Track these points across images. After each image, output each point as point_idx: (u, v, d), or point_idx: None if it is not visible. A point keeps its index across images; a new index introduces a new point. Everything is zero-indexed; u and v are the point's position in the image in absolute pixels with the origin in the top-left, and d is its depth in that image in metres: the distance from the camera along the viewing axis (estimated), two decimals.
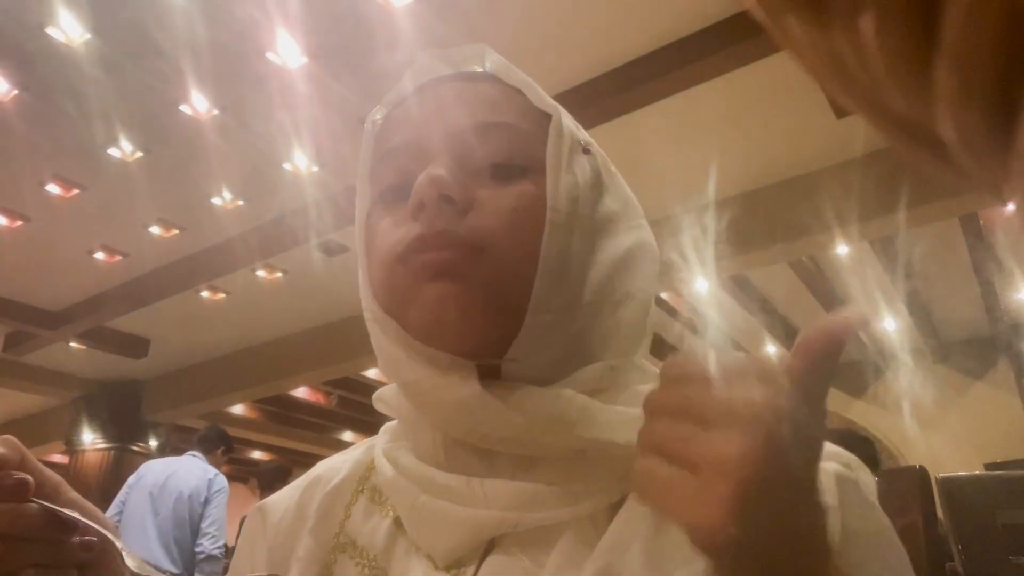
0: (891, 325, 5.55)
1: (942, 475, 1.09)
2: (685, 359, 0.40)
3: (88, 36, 2.93)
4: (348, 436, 8.64)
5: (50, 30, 2.90)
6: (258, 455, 9.11)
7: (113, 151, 3.63)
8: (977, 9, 0.13)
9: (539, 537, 0.49)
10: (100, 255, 4.71)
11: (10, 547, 0.45)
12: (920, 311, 5.63)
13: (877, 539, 0.47)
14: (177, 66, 3.01)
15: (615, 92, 3.17)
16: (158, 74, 3.06)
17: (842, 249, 4.52)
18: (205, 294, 5.22)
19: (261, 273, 4.92)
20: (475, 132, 0.52)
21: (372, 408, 0.61)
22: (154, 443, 6.89)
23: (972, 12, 0.13)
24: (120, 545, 0.48)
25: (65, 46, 2.95)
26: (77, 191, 4.01)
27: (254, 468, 7.88)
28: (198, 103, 3.32)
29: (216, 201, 4.08)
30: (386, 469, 0.56)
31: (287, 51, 3.02)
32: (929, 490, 0.96)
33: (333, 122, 3.25)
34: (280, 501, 0.62)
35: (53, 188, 3.97)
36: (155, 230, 4.42)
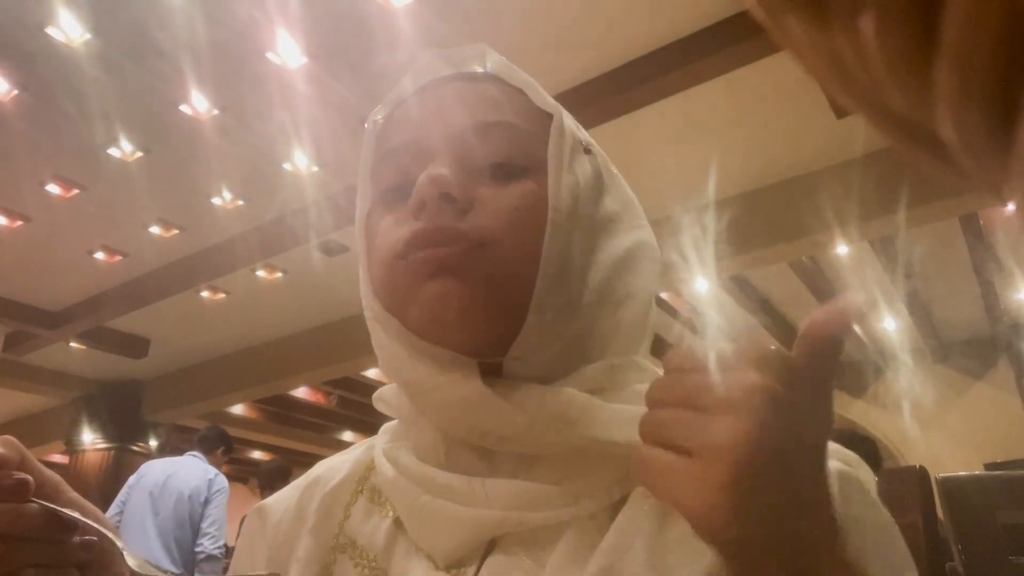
0: (891, 325, 5.54)
1: (942, 475, 1.09)
2: (686, 350, 0.40)
3: (88, 36, 2.93)
4: (348, 436, 8.63)
5: (50, 30, 2.89)
6: (258, 455, 9.10)
7: (113, 151, 3.63)
8: (977, 9, 0.13)
9: (540, 536, 0.49)
10: (100, 255, 4.70)
11: (10, 547, 0.45)
12: (920, 311, 5.62)
13: (879, 535, 0.47)
14: (177, 66, 3.01)
15: (615, 92, 3.17)
16: (158, 74, 3.06)
17: (842, 249, 4.52)
18: (205, 294, 5.22)
19: (261, 273, 4.92)
20: (476, 132, 0.52)
21: (372, 408, 0.61)
22: (154, 443, 6.89)
23: (972, 12, 0.13)
24: (121, 545, 0.48)
25: (65, 46, 2.95)
26: (77, 191, 4.01)
27: (254, 468, 7.89)
28: (198, 103, 3.32)
29: (216, 201, 4.08)
30: (386, 469, 0.55)
31: (287, 51, 3.02)
32: (929, 490, 0.96)
33: (333, 122, 3.24)
34: (279, 501, 0.62)
35: (53, 188, 3.97)
36: (155, 230, 4.42)
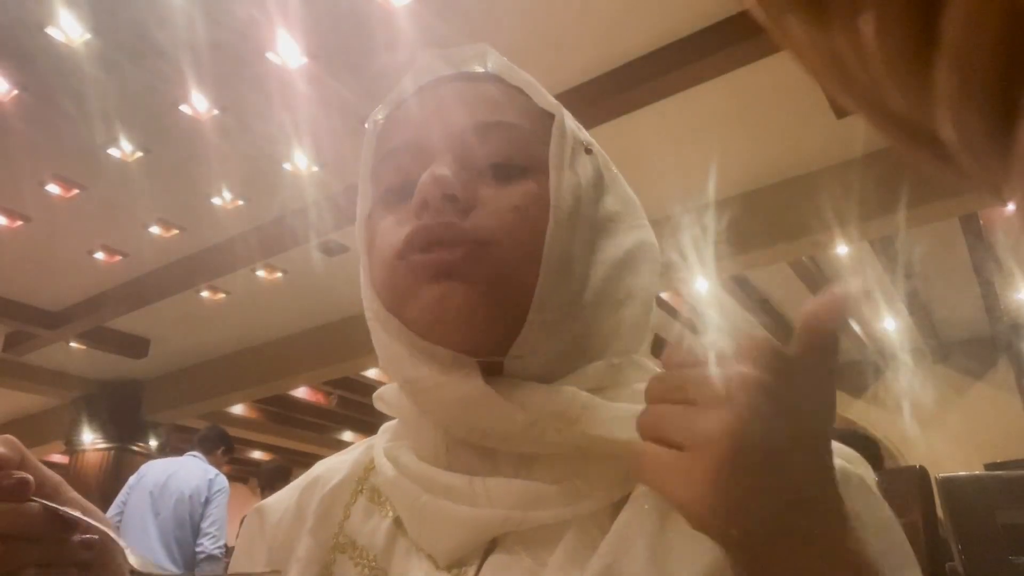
0: (891, 325, 5.54)
1: (942, 475, 1.08)
2: (684, 347, 0.41)
3: (88, 36, 2.93)
4: (348, 436, 8.63)
5: (50, 30, 2.89)
6: (258, 455, 9.09)
7: (113, 151, 3.63)
8: (977, 9, 0.13)
9: (541, 536, 0.49)
10: (100, 255, 4.70)
11: (10, 547, 0.45)
12: (920, 311, 5.62)
13: (881, 531, 0.47)
14: (177, 66, 3.01)
15: (615, 92, 3.17)
16: (158, 74, 3.05)
17: (842, 249, 4.52)
18: (205, 294, 5.21)
19: (261, 273, 4.92)
20: (477, 132, 0.52)
21: (372, 408, 0.61)
22: (154, 443, 6.88)
23: (972, 12, 0.13)
24: (123, 544, 0.48)
25: (65, 46, 2.95)
26: (77, 191, 4.00)
27: (254, 468, 7.88)
28: (198, 103, 3.32)
29: (216, 201, 4.08)
30: (387, 469, 0.55)
31: (287, 51, 3.02)
32: (929, 490, 0.97)
33: (333, 122, 3.24)
34: (279, 502, 0.62)
35: (53, 188, 3.96)
36: (155, 230, 4.42)
